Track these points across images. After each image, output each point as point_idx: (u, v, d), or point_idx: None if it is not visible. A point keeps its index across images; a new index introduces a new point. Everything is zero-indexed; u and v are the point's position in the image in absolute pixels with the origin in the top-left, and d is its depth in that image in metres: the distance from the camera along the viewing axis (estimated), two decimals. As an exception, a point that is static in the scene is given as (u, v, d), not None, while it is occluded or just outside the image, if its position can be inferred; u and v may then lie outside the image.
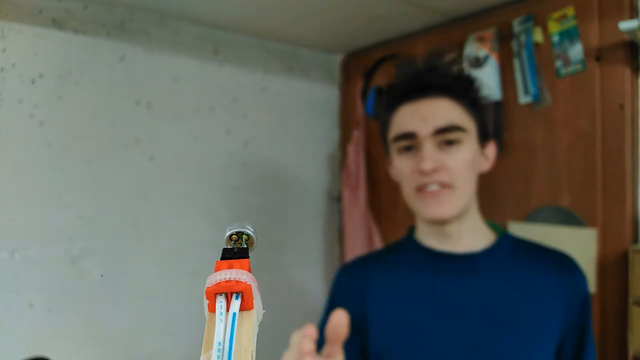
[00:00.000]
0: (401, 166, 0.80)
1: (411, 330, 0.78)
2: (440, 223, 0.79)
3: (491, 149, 0.83)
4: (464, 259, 0.80)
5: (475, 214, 0.82)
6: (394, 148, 0.81)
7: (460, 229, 0.80)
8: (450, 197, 0.76)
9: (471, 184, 0.78)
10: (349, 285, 0.87)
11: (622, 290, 0.92)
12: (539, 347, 0.75)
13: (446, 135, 0.75)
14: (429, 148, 0.75)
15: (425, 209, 0.77)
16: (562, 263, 0.81)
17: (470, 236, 0.81)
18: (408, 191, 0.80)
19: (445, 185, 0.75)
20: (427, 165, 0.74)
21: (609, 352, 0.94)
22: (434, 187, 0.76)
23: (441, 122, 0.75)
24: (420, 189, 0.77)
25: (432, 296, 0.79)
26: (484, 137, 0.81)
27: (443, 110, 0.76)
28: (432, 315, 0.78)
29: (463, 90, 0.78)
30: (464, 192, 0.77)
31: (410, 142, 0.78)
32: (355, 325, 0.81)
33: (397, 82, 0.82)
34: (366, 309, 0.83)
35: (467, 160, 0.76)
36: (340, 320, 0.50)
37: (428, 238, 0.83)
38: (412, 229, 0.89)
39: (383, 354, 0.79)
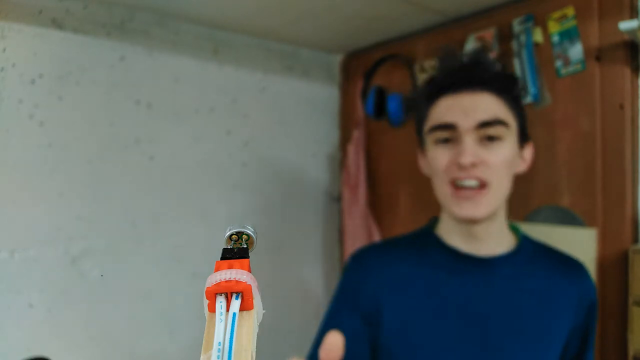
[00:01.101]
0: (436, 157, 0.77)
1: (423, 329, 0.77)
2: (471, 222, 0.76)
3: (529, 151, 0.81)
4: (486, 262, 0.78)
5: (503, 216, 0.80)
6: (430, 139, 0.78)
7: (488, 230, 0.78)
8: (486, 197, 0.73)
9: (507, 183, 0.76)
10: (362, 276, 0.83)
11: (622, 290, 0.92)
12: (546, 352, 0.75)
13: (488, 130, 0.73)
14: (469, 142, 0.73)
15: (459, 209, 0.74)
16: (573, 268, 0.81)
17: (496, 238, 0.79)
18: (441, 185, 0.77)
19: (482, 184, 0.73)
20: (467, 159, 0.71)
21: (609, 352, 0.94)
22: (470, 183, 0.73)
23: (484, 115, 0.73)
24: (456, 185, 0.74)
25: (447, 297, 0.78)
26: (523, 137, 0.79)
27: (486, 104, 0.74)
28: (445, 316, 0.77)
29: (506, 87, 0.76)
30: (500, 191, 0.74)
31: (449, 133, 0.75)
32: (366, 317, 0.80)
33: (439, 74, 0.80)
34: (379, 302, 0.79)
35: (507, 157, 0.74)
36: (334, 344, 0.45)
37: (452, 236, 0.81)
38: (434, 221, 0.86)
39: (392, 349, 0.78)
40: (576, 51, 1.00)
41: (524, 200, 1.09)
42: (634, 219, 0.93)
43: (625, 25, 0.85)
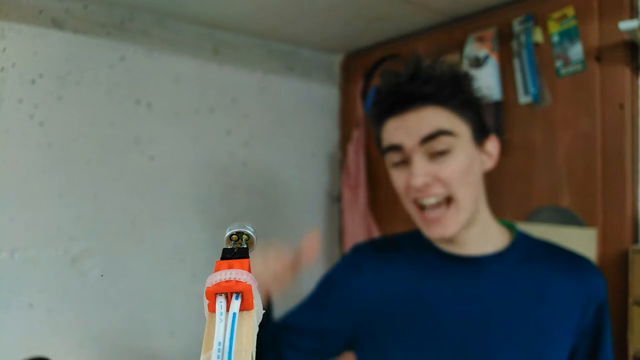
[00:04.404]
0: (395, 180, 0.78)
1: (412, 332, 0.76)
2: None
3: (493, 144, 0.79)
4: (472, 262, 0.77)
5: (485, 217, 0.79)
6: (387, 160, 0.79)
7: (468, 235, 0.77)
8: (451, 216, 0.72)
9: (473, 190, 0.75)
10: (348, 272, 0.86)
11: (622, 290, 0.92)
12: (545, 353, 0.72)
13: (434, 145, 0.71)
14: (418, 161, 0.72)
15: (429, 231, 0.75)
16: (580, 267, 0.77)
17: (480, 240, 0.78)
18: (407, 204, 0.78)
19: (447, 198, 0.73)
20: (417, 181, 0.71)
21: (609, 352, 0.94)
22: (430, 201, 0.73)
23: (425, 130, 0.72)
24: (419, 204, 0.75)
25: (436, 298, 0.77)
26: (481, 135, 0.77)
27: (428, 119, 0.72)
28: (434, 318, 0.76)
29: (448, 94, 0.74)
30: (467, 202, 0.73)
31: (399, 155, 0.75)
32: (338, 310, 0.82)
33: (381, 96, 0.79)
34: (365, 304, 0.81)
35: (462, 166, 0.72)
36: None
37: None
38: None
39: (378, 352, 0.79)
40: (576, 51, 1.00)
41: (524, 200, 1.09)
42: (634, 219, 0.93)
43: (625, 25, 0.85)
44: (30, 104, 1.01)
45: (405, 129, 0.73)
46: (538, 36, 1.05)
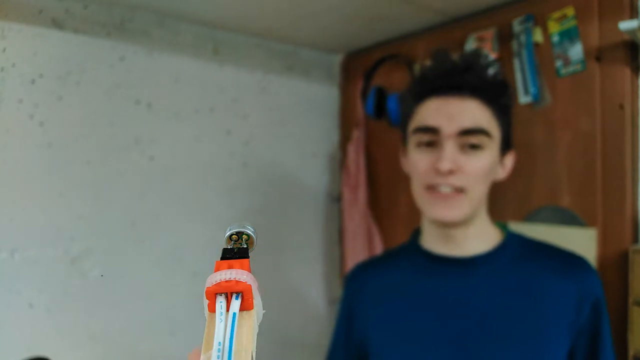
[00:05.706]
0: (417, 160, 0.77)
1: (405, 335, 0.77)
2: (445, 225, 0.77)
3: (510, 159, 0.81)
4: (463, 262, 0.78)
5: (483, 218, 0.80)
6: (413, 140, 0.78)
7: (465, 233, 0.78)
8: (460, 201, 0.74)
9: (483, 190, 0.76)
10: (350, 299, 0.89)
11: (622, 290, 0.92)
12: (539, 354, 0.72)
13: (470, 138, 0.73)
14: (450, 148, 0.73)
15: (433, 209, 0.75)
16: (572, 265, 0.77)
17: (475, 240, 0.79)
18: (418, 187, 0.78)
19: (457, 189, 0.74)
20: (446, 165, 0.71)
21: (609, 352, 0.94)
22: (446, 189, 0.74)
23: (468, 123, 0.73)
24: (431, 188, 0.75)
25: (428, 301, 0.78)
26: (506, 146, 0.79)
27: (472, 112, 0.73)
28: (426, 321, 0.77)
29: (496, 95, 0.75)
30: (475, 198, 0.75)
31: (431, 137, 0.75)
32: (356, 334, 0.84)
33: (430, 73, 0.78)
34: (367, 318, 0.84)
35: (486, 167, 0.74)
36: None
37: (431, 240, 0.82)
38: (416, 232, 0.88)
39: (378, 357, 0.80)
40: (576, 51, 1.00)
41: (524, 200, 1.09)
42: (634, 219, 0.93)
43: (625, 25, 0.85)
44: (30, 104, 1.01)
45: (447, 113, 0.74)
46: (538, 36, 1.05)
